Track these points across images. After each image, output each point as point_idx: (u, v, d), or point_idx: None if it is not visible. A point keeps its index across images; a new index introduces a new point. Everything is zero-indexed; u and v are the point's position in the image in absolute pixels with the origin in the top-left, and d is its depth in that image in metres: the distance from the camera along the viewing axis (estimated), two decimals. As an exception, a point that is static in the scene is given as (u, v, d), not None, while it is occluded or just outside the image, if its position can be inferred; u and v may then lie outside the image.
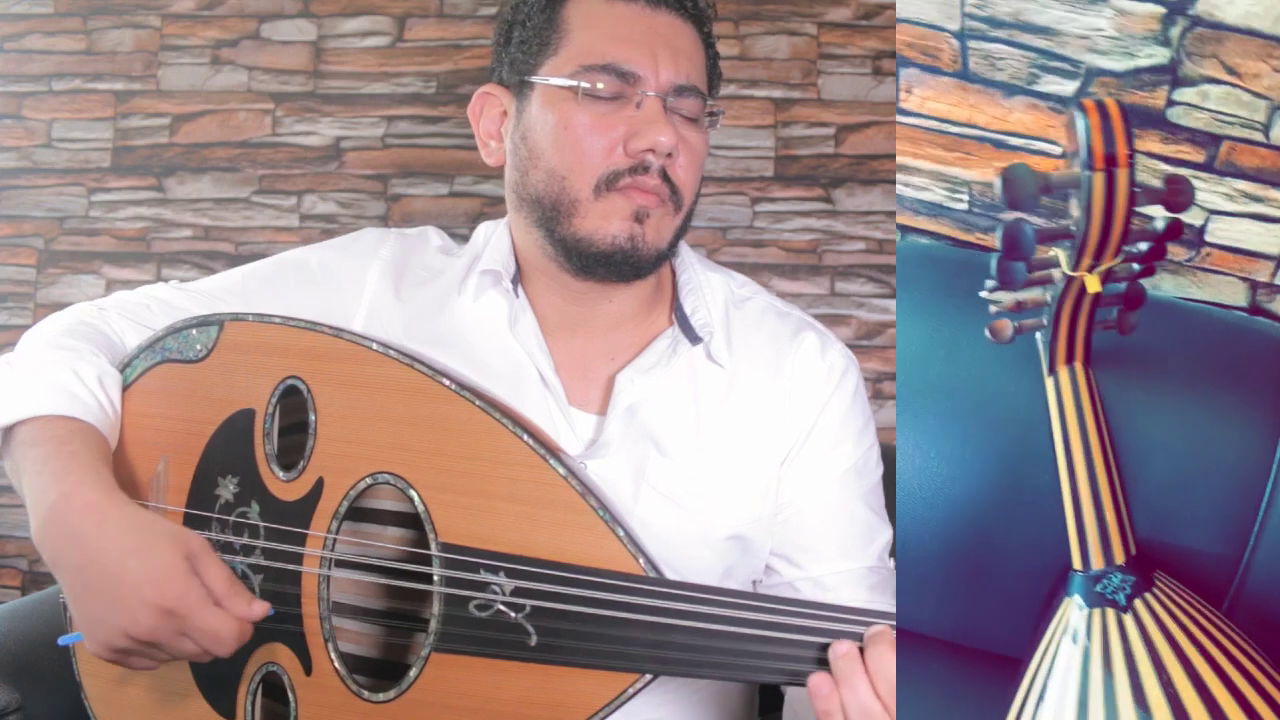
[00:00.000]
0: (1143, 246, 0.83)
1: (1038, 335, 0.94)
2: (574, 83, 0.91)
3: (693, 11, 0.96)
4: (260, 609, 0.79)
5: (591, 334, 0.99)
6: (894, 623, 0.73)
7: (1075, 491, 0.89)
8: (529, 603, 0.76)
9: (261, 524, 0.84)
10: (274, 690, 0.83)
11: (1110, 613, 0.84)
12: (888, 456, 1.05)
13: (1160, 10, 0.85)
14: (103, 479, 0.80)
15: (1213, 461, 0.94)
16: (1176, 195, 0.80)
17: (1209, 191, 0.99)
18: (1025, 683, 0.91)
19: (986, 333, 0.92)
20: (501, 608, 0.76)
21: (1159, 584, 0.86)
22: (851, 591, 0.98)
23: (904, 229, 1.18)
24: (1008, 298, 0.89)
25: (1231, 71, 0.87)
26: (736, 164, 2.11)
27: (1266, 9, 0.81)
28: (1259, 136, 0.91)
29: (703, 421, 0.97)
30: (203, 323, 0.90)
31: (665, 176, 0.92)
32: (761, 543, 0.99)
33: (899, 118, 1.07)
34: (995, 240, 0.82)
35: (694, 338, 0.98)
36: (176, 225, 2.16)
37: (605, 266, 0.93)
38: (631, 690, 0.74)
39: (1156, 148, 0.97)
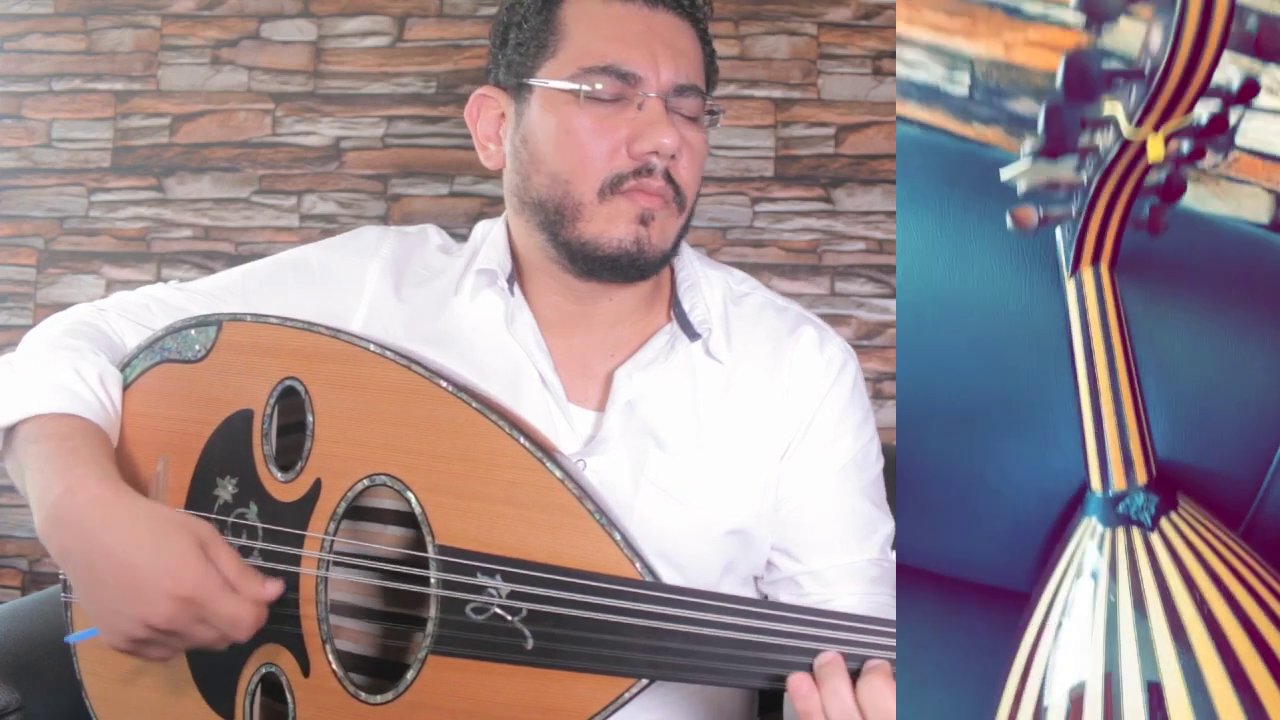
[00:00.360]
0: (1204, 117, 0.71)
1: (1058, 232, 0.85)
2: (574, 86, 0.91)
3: (690, 10, 0.95)
4: (274, 589, 0.79)
5: (591, 331, 0.99)
6: (893, 628, 0.73)
7: (1096, 405, 0.83)
8: (525, 606, 0.76)
9: (260, 525, 0.84)
10: (273, 690, 0.84)
11: (1136, 533, 0.79)
12: (888, 454, 1.05)
13: None
14: (107, 472, 0.81)
15: (1238, 382, 0.88)
16: (1271, 40, 0.67)
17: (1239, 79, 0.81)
18: (1038, 615, 0.86)
19: (1008, 220, 0.83)
20: (498, 611, 0.76)
21: (1183, 505, 0.81)
22: (852, 585, 0.98)
23: (901, 120, 1.06)
24: (1042, 173, 0.77)
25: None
26: (736, 164, 2.11)
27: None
28: None
29: (702, 417, 0.97)
30: (201, 323, 0.90)
31: (668, 177, 0.92)
32: (762, 537, 0.99)
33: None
34: (996, 134, 0.74)
35: (692, 334, 0.98)
36: (176, 225, 2.16)
37: (610, 269, 0.93)
38: (628, 694, 0.74)
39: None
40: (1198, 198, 0.99)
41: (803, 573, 0.99)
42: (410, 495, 0.80)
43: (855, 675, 0.72)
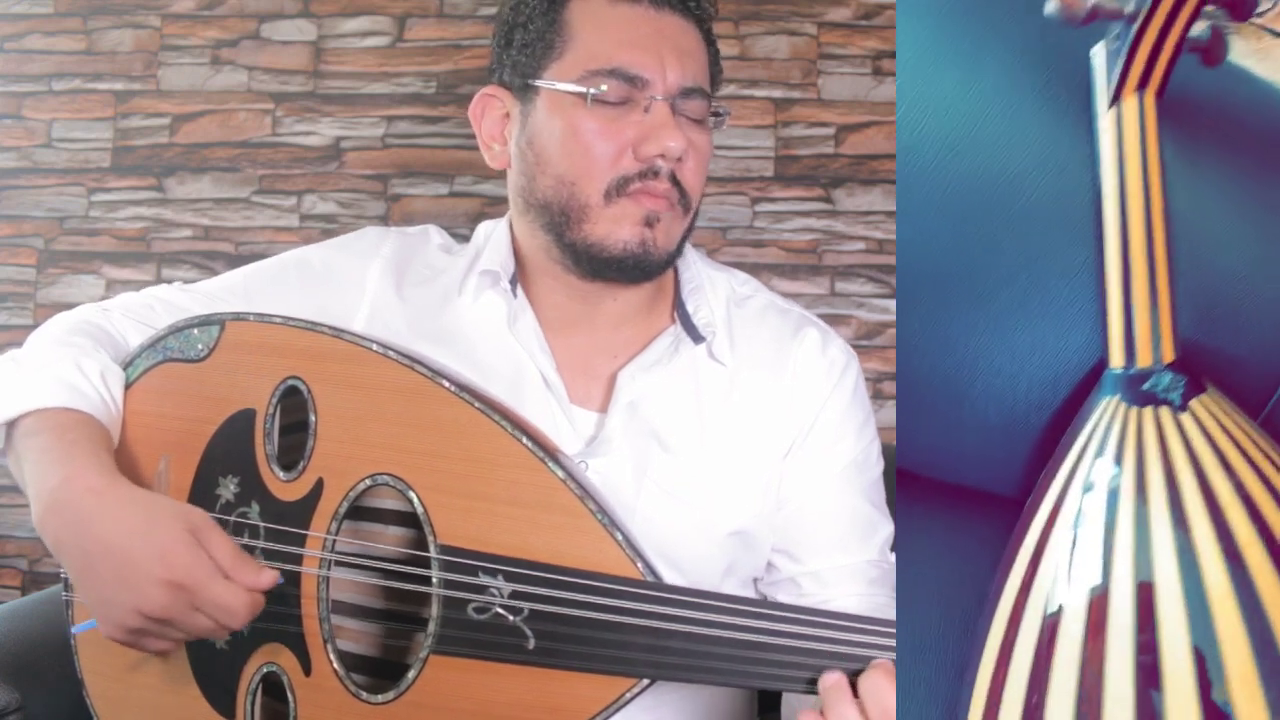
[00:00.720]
0: None
1: (1099, 54, 0.71)
2: (581, 89, 0.91)
3: (696, 11, 0.95)
4: (269, 577, 0.79)
5: (594, 332, 0.99)
6: (893, 630, 0.73)
7: (1126, 267, 0.72)
8: (527, 606, 0.76)
9: (261, 524, 0.84)
10: (274, 689, 0.84)
11: (1165, 412, 0.71)
12: (888, 454, 1.05)
13: None
14: (104, 464, 0.81)
15: (1273, 262, 0.78)
16: None
17: None
18: (1046, 505, 0.78)
19: (1050, 4, 0.68)
20: (500, 610, 0.76)
21: (1210, 390, 0.73)
22: (851, 586, 0.98)
23: None
24: None
25: None
26: (736, 164, 2.11)
27: None
28: None
29: (705, 418, 0.97)
30: (204, 322, 0.90)
31: (674, 180, 0.92)
32: (763, 538, 0.99)
33: None
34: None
35: (696, 337, 0.98)
36: (176, 225, 2.16)
37: (616, 270, 0.93)
38: (629, 694, 0.74)
39: None
40: (1242, 54, 0.87)
41: (802, 574, 1.00)
42: (412, 495, 0.80)
43: (855, 676, 0.72)
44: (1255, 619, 0.66)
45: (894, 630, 0.73)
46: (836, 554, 0.99)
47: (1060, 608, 0.72)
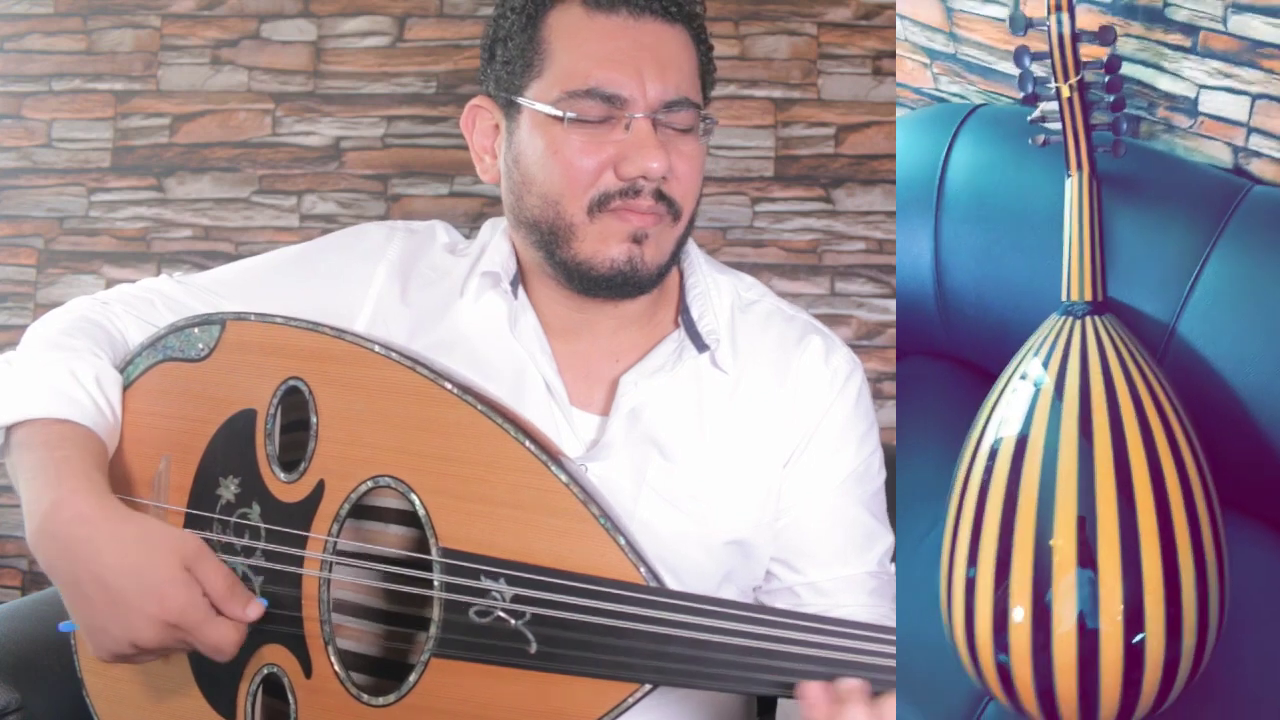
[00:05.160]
0: (1106, 78, 1.21)
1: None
2: (558, 112, 0.89)
3: (679, 15, 0.93)
4: (255, 611, 0.79)
5: (595, 338, 0.98)
6: (893, 635, 0.73)
7: (1070, 237, 1.23)
8: (529, 610, 0.76)
9: (262, 525, 0.84)
10: (275, 690, 0.83)
11: (1081, 322, 1.18)
12: (889, 456, 1.05)
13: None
14: (95, 485, 0.80)
15: (1160, 243, 1.28)
16: (1104, 34, 1.20)
17: (1196, 69, 1.30)
18: (1002, 378, 1.19)
19: (1029, 141, 1.27)
20: (501, 614, 0.76)
21: (1109, 315, 1.20)
22: (851, 596, 0.98)
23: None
24: (1036, 112, 1.25)
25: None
26: (736, 164, 2.11)
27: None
28: (1219, 26, 1.25)
29: (706, 426, 0.97)
30: (205, 321, 0.90)
31: (660, 194, 0.90)
32: (761, 549, 0.99)
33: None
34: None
35: (700, 344, 0.98)
36: (176, 225, 2.16)
37: (606, 288, 0.92)
38: (631, 699, 0.74)
39: (1158, 35, 1.30)
40: (1172, 148, 1.40)
41: (801, 583, 0.99)
42: (414, 497, 0.79)
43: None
44: (1123, 478, 1.06)
45: (894, 638, 0.73)
46: (835, 565, 0.99)
47: (998, 442, 1.13)
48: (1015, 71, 1.25)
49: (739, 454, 0.97)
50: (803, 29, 2.11)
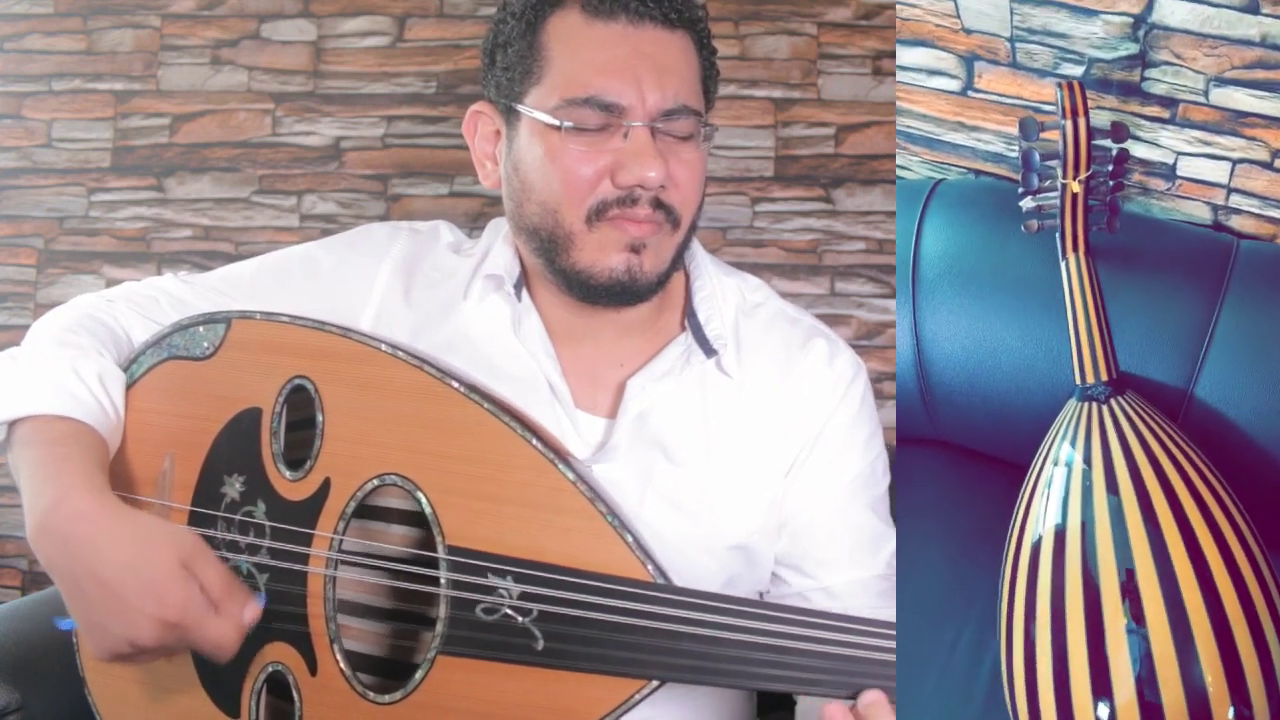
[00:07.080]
0: (1109, 168, 1.26)
1: (1057, 235, 1.28)
2: (556, 121, 0.89)
3: (680, 20, 0.92)
4: (253, 613, 0.79)
5: (599, 343, 0.98)
6: (893, 630, 0.74)
7: (1081, 326, 1.23)
8: (536, 607, 0.76)
9: (267, 523, 0.84)
10: (279, 688, 0.83)
11: (1104, 408, 1.19)
12: (891, 458, 1.05)
13: (1130, 19, 1.27)
14: (95, 483, 0.80)
15: (1163, 311, 1.33)
16: (1117, 132, 1.25)
17: (1175, 139, 1.36)
18: (1033, 472, 1.21)
19: (1022, 228, 1.29)
20: (508, 611, 0.76)
21: (1130, 394, 1.22)
22: (860, 600, 0.98)
23: (975, 171, 1.61)
24: (1031, 202, 1.28)
25: (1179, 57, 1.28)
26: (736, 164, 2.11)
27: (1195, 16, 1.22)
28: (1201, 99, 1.30)
29: (711, 431, 0.97)
30: (210, 320, 0.90)
31: (658, 203, 0.90)
32: (765, 554, 0.99)
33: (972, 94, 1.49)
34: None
35: (708, 349, 0.97)
36: (176, 225, 2.15)
37: (606, 297, 0.92)
38: (638, 696, 0.74)
39: (1135, 108, 1.36)
40: (1150, 208, 1.47)
41: (812, 588, 0.99)
42: (420, 495, 0.79)
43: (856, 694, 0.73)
44: (1159, 551, 1.09)
45: (894, 633, 0.73)
46: (844, 569, 0.99)
47: (1039, 538, 1.15)
48: (965, 143, 1.33)
49: (744, 459, 0.97)
50: (803, 29, 2.11)
